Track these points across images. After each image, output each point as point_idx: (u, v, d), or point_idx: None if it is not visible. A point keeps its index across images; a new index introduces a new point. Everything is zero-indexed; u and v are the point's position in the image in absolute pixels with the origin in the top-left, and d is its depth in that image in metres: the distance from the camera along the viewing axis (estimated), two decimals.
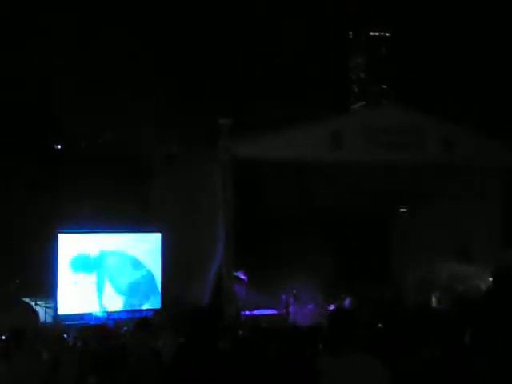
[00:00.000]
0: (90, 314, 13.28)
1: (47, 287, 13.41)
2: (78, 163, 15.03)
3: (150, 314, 13.33)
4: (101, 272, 13.78)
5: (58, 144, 15.45)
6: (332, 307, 14.84)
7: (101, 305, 13.67)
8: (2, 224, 14.17)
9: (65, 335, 9.59)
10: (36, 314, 12.87)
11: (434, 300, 15.45)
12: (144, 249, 14.36)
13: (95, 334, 7.87)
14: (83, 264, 13.57)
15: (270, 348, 6.24)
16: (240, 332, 9.43)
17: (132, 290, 14.06)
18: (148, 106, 15.89)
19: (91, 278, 13.64)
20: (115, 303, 13.88)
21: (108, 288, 13.81)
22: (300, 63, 20.50)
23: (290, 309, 14.78)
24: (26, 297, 12.69)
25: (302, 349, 6.11)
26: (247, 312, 14.12)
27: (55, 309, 13.24)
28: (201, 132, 14.74)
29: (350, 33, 31.26)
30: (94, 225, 14.02)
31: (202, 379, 4.59)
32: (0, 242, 13.96)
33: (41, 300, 13.47)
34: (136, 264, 14.15)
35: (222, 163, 13.46)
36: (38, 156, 14.88)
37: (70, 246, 13.58)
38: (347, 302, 15.23)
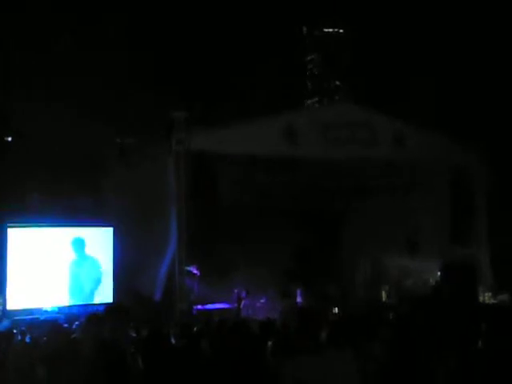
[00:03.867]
0: (39, 309, 13.08)
1: None
2: (27, 155, 14.67)
3: (102, 308, 13.19)
4: (51, 266, 13.57)
5: (6, 136, 15.05)
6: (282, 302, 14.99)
7: (51, 299, 13.47)
8: None
9: (14, 330, 9.41)
10: None
11: (383, 294, 15.71)
12: (96, 243, 14.19)
13: (45, 328, 7.73)
14: (33, 258, 13.36)
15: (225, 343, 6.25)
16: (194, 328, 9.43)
17: (83, 285, 13.89)
18: (104, 98, 15.69)
19: (41, 273, 13.43)
20: (66, 298, 13.70)
21: (58, 282, 13.61)
22: (255, 59, 20.56)
23: (242, 303, 14.83)
24: None
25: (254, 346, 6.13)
26: (199, 306, 14.11)
27: (4, 304, 13.00)
28: (155, 125, 14.64)
29: (304, 29, 31.31)
30: (44, 218, 13.79)
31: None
32: None
33: None
34: (87, 258, 13.98)
35: (176, 155, 13.45)
36: None
37: (19, 240, 13.34)
38: (298, 295, 15.37)
